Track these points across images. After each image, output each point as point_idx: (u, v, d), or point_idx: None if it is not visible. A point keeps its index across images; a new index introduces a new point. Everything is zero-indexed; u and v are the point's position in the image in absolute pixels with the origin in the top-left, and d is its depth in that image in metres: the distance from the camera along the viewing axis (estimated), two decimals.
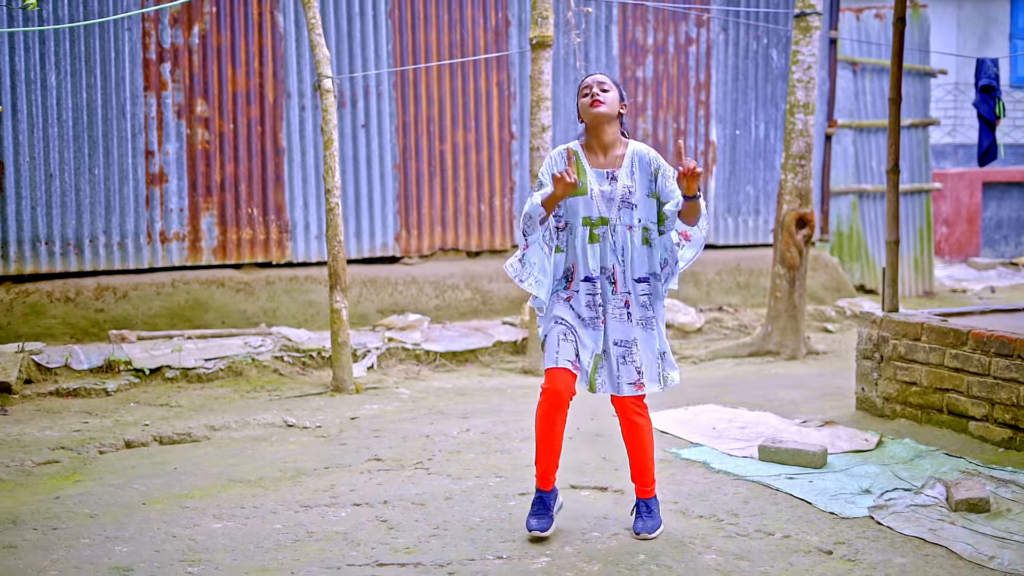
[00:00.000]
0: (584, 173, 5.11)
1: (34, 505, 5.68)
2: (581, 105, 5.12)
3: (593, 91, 5.06)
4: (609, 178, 5.09)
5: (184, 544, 5.06)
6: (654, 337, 5.15)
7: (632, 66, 12.21)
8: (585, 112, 5.10)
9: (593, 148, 5.15)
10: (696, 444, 6.85)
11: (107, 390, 8.59)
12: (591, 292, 5.12)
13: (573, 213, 5.11)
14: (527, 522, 5.13)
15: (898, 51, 7.72)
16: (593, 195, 5.08)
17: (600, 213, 5.07)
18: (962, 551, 4.90)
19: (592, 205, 5.08)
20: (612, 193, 5.08)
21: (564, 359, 5.03)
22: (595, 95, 5.05)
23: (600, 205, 5.08)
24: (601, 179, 5.10)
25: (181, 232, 10.43)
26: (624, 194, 5.07)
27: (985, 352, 6.69)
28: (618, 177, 5.09)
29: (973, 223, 18.79)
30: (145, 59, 10.17)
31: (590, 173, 5.11)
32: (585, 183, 5.09)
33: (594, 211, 5.08)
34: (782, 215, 10.51)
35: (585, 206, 5.09)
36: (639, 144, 5.18)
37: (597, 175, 5.11)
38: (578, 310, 5.12)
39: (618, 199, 5.07)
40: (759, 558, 4.85)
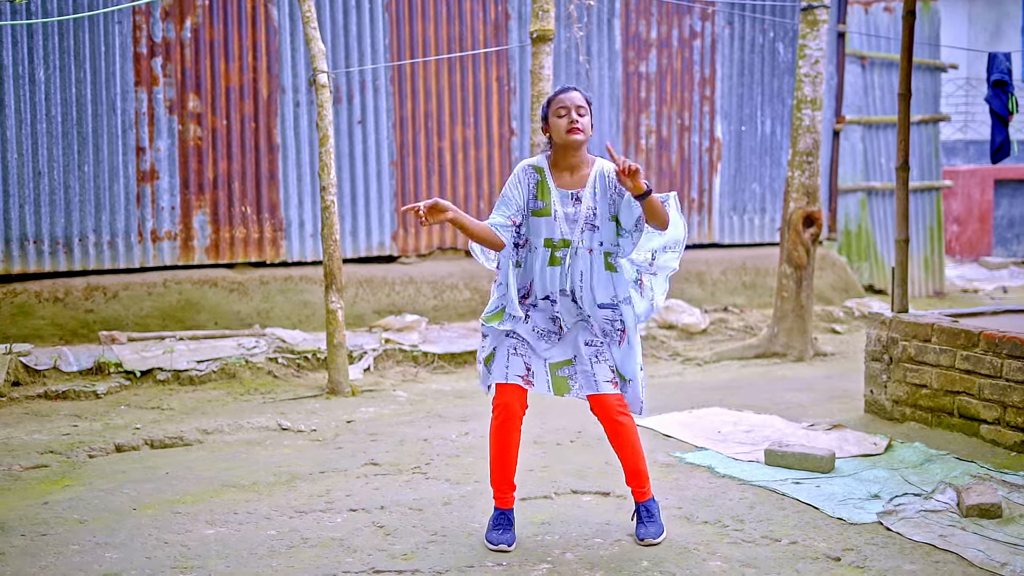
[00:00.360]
0: (549, 193, 5.07)
1: (22, 511, 5.66)
2: (554, 124, 5.03)
3: (572, 116, 4.99)
4: (573, 199, 5.05)
5: (176, 550, 5.05)
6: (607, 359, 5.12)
7: (635, 60, 12.23)
8: (558, 134, 5.02)
9: (559, 167, 5.10)
10: (701, 448, 6.83)
11: (97, 392, 8.54)
12: (551, 308, 5.10)
13: (535, 233, 5.08)
14: (488, 536, 5.11)
15: (908, 45, 7.71)
16: (557, 216, 5.04)
17: (563, 235, 5.04)
18: (973, 558, 4.87)
19: (555, 227, 5.04)
20: (576, 215, 5.04)
21: (514, 374, 5.03)
22: (573, 121, 4.99)
23: (563, 227, 5.04)
24: (565, 201, 5.06)
25: (173, 231, 10.40)
26: (588, 216, 5.04)
27: (997, 354, 6.66)
28: (582, 198, 5.05)
29: (985, 221, 18.93)
30: (136, 53, 10.13)
31: (554, 193, 5.06)
32: (548, 204, 5.05)
33: (556, 233, 5.05)
34: (789, 213, 10.50)
35: (548, 227, 5.05)
36: (604, 162, 5.13)
37: (561, 196, 5.06)
38: (535, 322, 5.11)
39: (581, 221, 5.04)
40: (765, 565, 4.83)
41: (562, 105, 4.99)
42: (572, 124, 4.96)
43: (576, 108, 4.98)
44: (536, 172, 5.08)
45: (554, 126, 5.02)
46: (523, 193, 5.07)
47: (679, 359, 10.52)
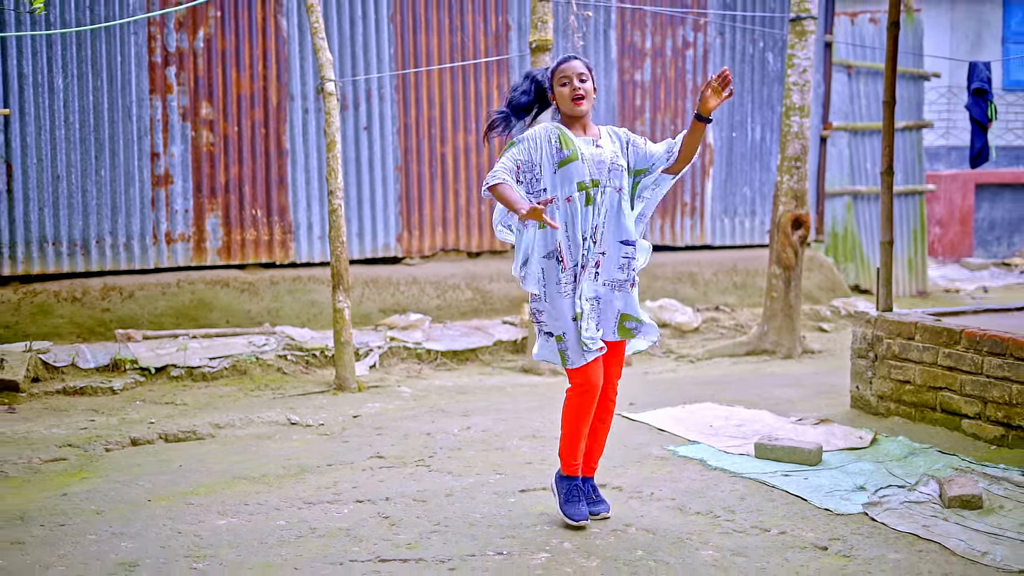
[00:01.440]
0: (571, 142, 5.11)
1: (41, 502, 5.70)
2: (559, 94, 5.13)
3: (574, 84, 5.10)
4: (594, 143, 5.14)
5: (189, 540, 5.07)
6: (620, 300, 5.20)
7: (630, 69, 12.23)
8: (564, 103, 5.14)
9: (572, 126, 5.19)
10: (693, 441, 6.85)
11: (113, 388, 8.62)
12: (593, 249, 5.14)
13: (566, 181, 5.09)
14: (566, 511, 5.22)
15: (892, 55, 7.74)
16: (584, 159, 5.08)
17: (592, 176, 5.08)
18: (955, 547, 4.90)
19: (584, 169, 5.08)
20: (601, 156, 5.10)
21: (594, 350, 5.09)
22: (576, 89, 5.09)
23: (592, 168, 5.08)
24: (588, 144, 5.13)
25: (186, 233, 10.45)
26: (612, 157, 5.12)
27: (978, 351, 6.70)
28: (602, 145, 5.15)
29: (966, 224, 18.79)
30: (151, 62, 10.20)
31: (575, 139, 5.12)
32: (574, 148, 5.09)
33: (586, 175, 5.08)
34: (778, 216, 10.52)
35: (577, 171, 5.08)
36: (608, 126, 5.31)
37: (583, 141, 5.13)
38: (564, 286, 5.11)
39: (608, 161, 5.10)
40: (755, 554, 4.86)
41: (564, 75, 5.09)
42: (575, 91, 5.07)
43: (578, 75, 5.08)
44: (555, 128, 5.13)
45: (559, 96, 5.12)
46: (546, 149, 5.10)
47: (672, 356, 10.52)
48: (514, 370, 9.85)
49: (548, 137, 5.11)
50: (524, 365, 9.88)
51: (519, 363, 10.00)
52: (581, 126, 5.19)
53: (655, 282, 12.11)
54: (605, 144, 5.16)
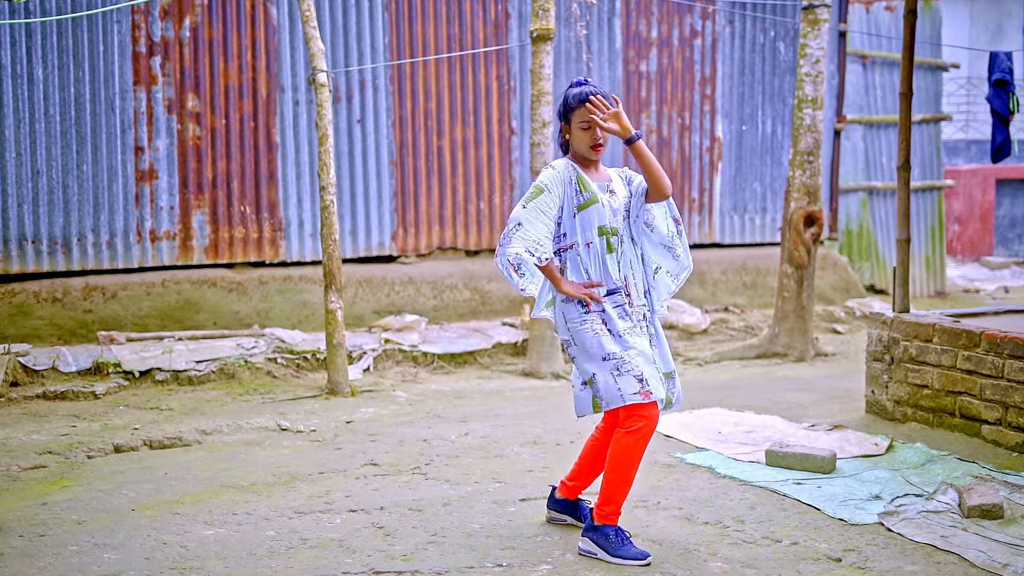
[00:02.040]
0: (589, 185, 5.03)
1: (20, 511, 5.66)
2: (577, 135, 5.00)
3: (595, 133, 4.97)
4: (608, 191, 5.05)
5: (175, 551, 5.05)
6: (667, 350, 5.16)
7: (636, 60, 12.23)
8: (581, 146, 5.01)
9: (586, 165, 5.09)
10: (701, 448, 6.83)
11: (96, 393, 8.55)
12: (619, 303, 5.01)
13: (586, 226, 5.00)
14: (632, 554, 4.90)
15: (909, 44, 7.71)
16: (603, 203, 5.00)
17: (611, 223, 5.02)
18: (975, 558, 4.88)
19: (604, 214, 5.00)
20: (616, 201, 5.04)
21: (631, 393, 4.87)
22: (597, 138, 4.98)
23: (609, 215, 5.01)
24: (603, 190, 5.04)
25: (172, 230, 10.40)
26: (625, 203, 5.07)
27: (999, 354, 6.66)
28: (615, 190, 5.07)
29: (986, 221, 18.95)
30: (135, 52, 10.13)
31: (593, 184, 5.04)
32: (593, 193, 5.00)
33: (607, 220, 5.01)
34: (790, 213, 10.51)
35: (599, 215, 5.00)
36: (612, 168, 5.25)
37: (599, 186, 5.05)
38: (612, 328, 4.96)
39: (621, 209, 5.05)
40: (766, 566, 4.84)
41: (585, 118, 4.96)
42: (596, 140, 4.98)
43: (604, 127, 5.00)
44: (572, 168, 5.04)
45: (577, 137, 5.00)
46: (565, 191, 5.00)
47: (680, 359, 10.51)
48: (514, 374, 9.84)
49: (568, 178, 5.03)
50: (524, 368, 9.90)
51: (519, 366, 10.00)
52: (594, 167, 5.12)
53: None
54: (618, 190, 5.10)
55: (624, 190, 5.09)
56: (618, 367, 4.86)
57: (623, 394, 4.83)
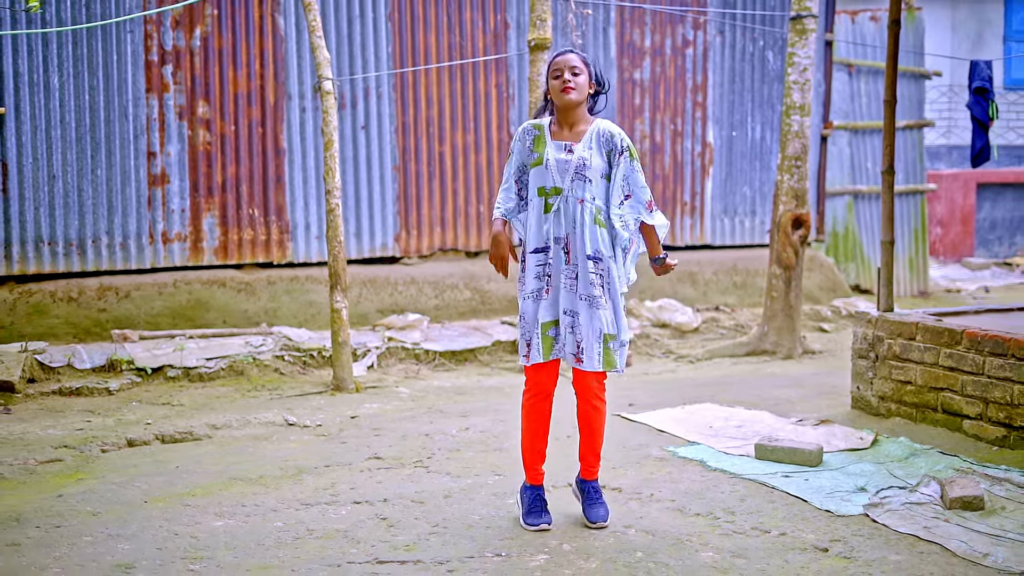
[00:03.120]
0: (544, 145, 5.18)
1: (37, 503, 5.68)
2: (551, 86, 5.15)
3: (564, 77, 5.10)
4: (566, 150, 5.14)
5: (186, 542, 5.06)
6: (598, 317, 5.10)
7: (630, 68, 12.21)
8: (555, 94, 5.14)
9: (560, 124, 5.22)
10: (693, 442, 6.84)
11: (109, 389, 8.59)
12: (540, 263, 5.17)
13: (533, 184, 5.20)
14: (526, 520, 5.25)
15: (893, 53, 7.72)
16: (548, 165, 5.13)
17: (554, 183, 5.13)
18: (956, 548, 4.91)
19: (547, 175, 5.14)
20: (567, 164, 5.11)
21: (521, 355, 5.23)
22: (566, 81, 5.10)
23: (555, 175, 5.13)
24: (559, 149, 5.15)
25: (183, 232, 10.42)
26: (578, 165, 5.11)
27: (979, 351, 6.69)
28: (574, 149, 5.13)
29: (967, 224, 18.80)
30: (147, 61, 10.15)
31: (550, 145, 5.17)
32: (542, 154, 5.15)
33: (548, 181, 5.14)
34: (778, 216, 10.51)
35: (540, 176, 5.15)
36: (606, 123, 5.24)
37: (556, 146, 5.16)
38: (528, 286, 5.20)
39: (571, 170, 5.10)
40: (755, 555, 4.86)
41: (557, 67, 5.11)
42: (565, 83, 5.07)
43: (570, 68, 5.09)
44: (535, 128, 5.22)
45: (552, 88, 5.14)
46: (523, 149, 5.23)
47: (672, 357, 10.51)
48: (513, 371, 9.83)
49: (527, 136, 5.25)
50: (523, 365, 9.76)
51: (518, 364, 9.94)
52: (568, 124, 5.21)
53: (655, 282, 12.06)
54: (578, 149, 5.16)
55: (590, 152, 5.13)
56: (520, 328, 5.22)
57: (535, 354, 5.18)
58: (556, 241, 5.12)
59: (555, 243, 5.12)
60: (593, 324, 5.10)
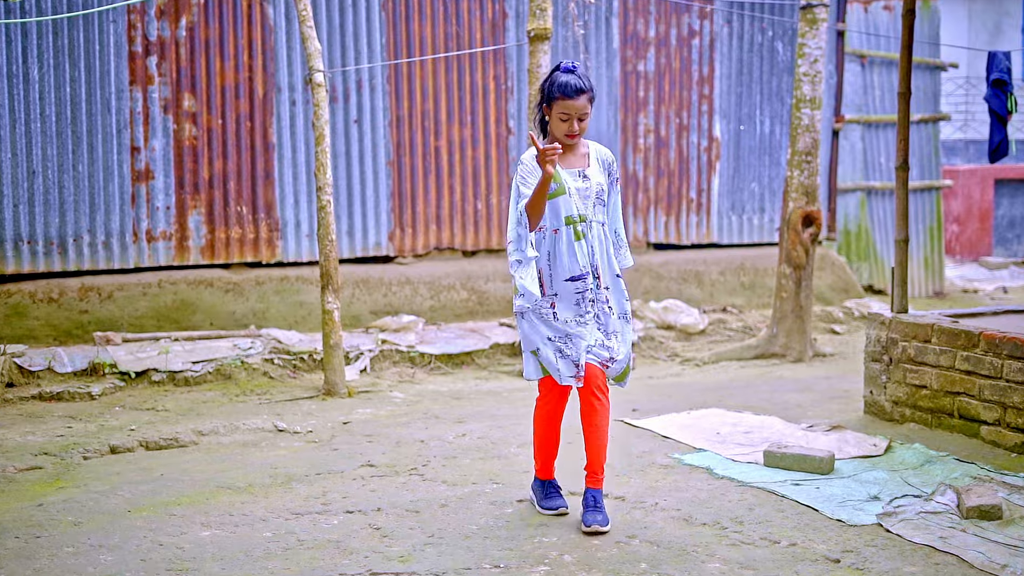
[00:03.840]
0: (558, 174, 5.20)
1: (16, 512, 5.67)
2: (555, 123, 5.16)
3: (573, 125, 5.14)
4: (581, 176, 5.24)
5: (171, 552, 5.06)
6: (629, 332, 5.38)
7: (633, 59, 12.22)
8: (559, 135, 5.18)
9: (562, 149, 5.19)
10: (699, 449, 6.83)
11: (92, 394, 8.54)
12: (580, 291, 5.25)
13: (553, 216, 5.23)
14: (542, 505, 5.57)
15: (907, 44, 7.70)
16: (571, 192, 5.20)
17: (579, 211, 5.23)
18: (973, 559, 4.89)
19: (571, 203, 5.21)
20: (587, 190, 5.23)
21: (567, 376, 5.27)
22: (573, 130, 5.15)
23: (578, 203, 5.22)
24: (575, 177, 5.23)
25: (168, 231, 10.37)
26: (598, 191, 5.25)
27: (997, 354, 6.67)
28: (589, 176, 5.25)
29: (985, 221, 18.93)
30: (131, 52, 10.10)
31: (563, 172, 5.22)
32: (561, 183, 5.20)
33: (574, 209, 5.22)
34: (788, 213, 10.51)
35: (565, 205, 5.21)
36: (598, 145, 5.39)
37: (570, 174, 5.23)
38: (563, 316, 5.26)
39: (593, 196, 5.24)
40: (764, 567, 4.85)
41: (565, 111, 5.12)
42: (572, 132, 5.14)
43: (579, 115, 5.12)
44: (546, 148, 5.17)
45: (555, 124, 5.16)
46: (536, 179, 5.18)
47: (677, 360, 10.54)
48: (511, 374, 9.82)
49: (535, 170, 5.21)
50: (522, 369, 9.69)
51: (516, 367, 9.99)
52: (569, 149, 5.28)
53: (660, 282, 12.13)
54: (592, 174, 5.28)
55: (601, 176, 5.28)
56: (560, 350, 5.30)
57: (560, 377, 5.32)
58: (592, 268, 5.27)
59: (590, 270, 5.27)
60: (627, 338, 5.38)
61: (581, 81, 5.14)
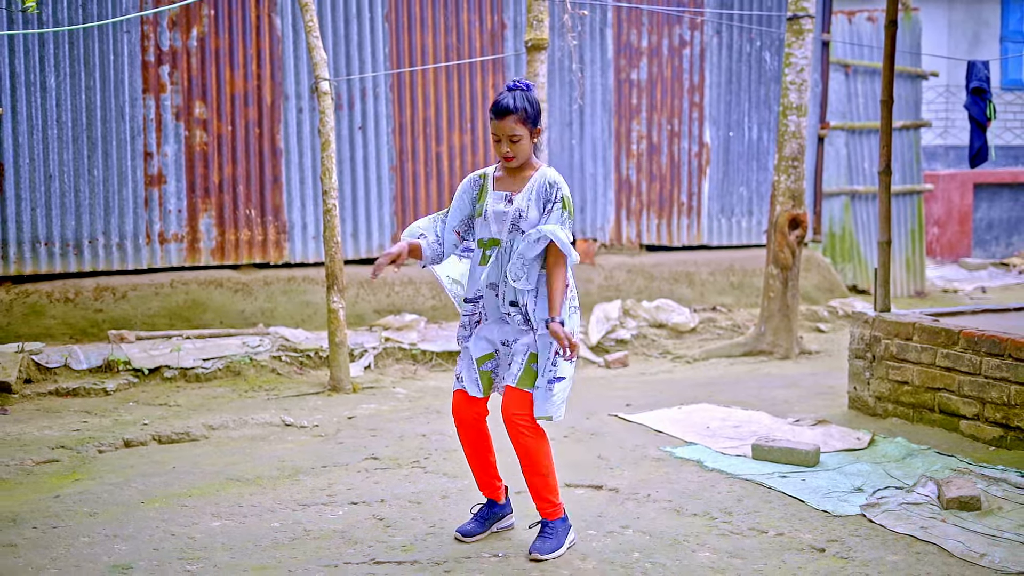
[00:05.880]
0: (485, 196, 4.99)
1: (34, 504, 5.68)
2: (494, 145, 4.92)
3: (503, 150, 4.85)
4: (506, 200, 4.93)
5: (183, 542, 5.08)
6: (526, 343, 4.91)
7: (627, 68, 12.21)
8: (496, 154, 4.94)
9: (506, 171, 5.00)
10: (690, 443, 6.85)
11: (106, 390, 8.59)
12: (469, 313, 5.03)
13: (475, 235, 5.05)
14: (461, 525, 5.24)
15: (890, 54, 7.73)
16: (487, 216, 4.94)
17: (492, 234, 4.95)
18: (953, 549, 4.92)
19: (486, 226, 4.96)
20: (505, 215, 4.90)
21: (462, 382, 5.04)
22: (505, 153, 4.86)
23: (492, 225, 4.94)
24: (498, 200, 4.95)
25: (180, 233, 10.40)
26: (515, 216, 4.88)
27: (976, 352, 6.71)
28: (514, 200, 4.91)
29: (964, 224, 18.81)
30: (144, 61, 10.14)
31: (490, 195, 4.97)
32: (483, 205, 4.98)
33: (487, 232, 4.97)
34: (775, 216, 10.52)
35: (481, 228, 4.99)
36: (550, 171, 4.95)
37: (495, 196, 4.96)
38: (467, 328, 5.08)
39: (509, 221, 4.89)
40: (752, 556, 4.88)
41: (495, 132, 4.87)
42: (504, 154, 4.85)
43: (508, 137, 4.82)
44: (480, 179, 5.04)
45: (494, 146, 4.91)
46: (467, 202, 5.05)
47: (669, 357, 10.52)
48: None
49: (471, 190, 5.07)
50: None
51: None
52: (511, 173, 4.98)
53: (652, 282, 12.10)
54: (518, 200, 4.91)
55: (528, 203, 4.89)
56: None
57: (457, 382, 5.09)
58: (490, 287, 4.93)
59: (488, 289, 4.93)
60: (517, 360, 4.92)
61: (512, 100, 4.81)
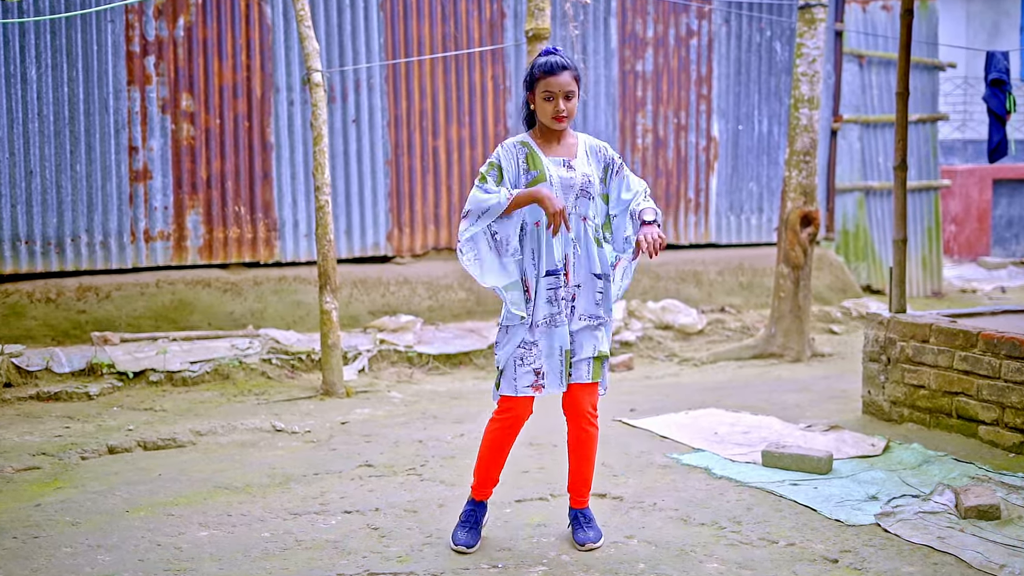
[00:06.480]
0: (540, 162, 4.90)
1: (14, 513, 5.66)
2: (540, 106, 4.86)
3: (559, 104, 4.82)
4: (566, 165, 4.90)
5: (169, 553, 5.05)
6: (597, 337, 4.98)
7: (631, 59, 12.22)
8: (544, 116, 4.87)
9: (545, 139, 4.96)
10: (698, 449, 6.83)
11: (89, 394, 8.53)
12: (553, 286, 4.91)
13: (531, 208, 4.90)
14: (454, 535, 5.13)
15: (906, 44, 7.69)
16: (552, 182, 4.86)
17: None
18: (972, 559, 4.88)
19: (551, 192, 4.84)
20: (571, 180, 4.87)
21: (523, 386, 4.93)
22: (560, 109, 4.83)
23: (559, 192, 4.86)
24: (558, 166, 4.90)
25: (166, 231, 10.37)
26: (584, 183, 4.89)
27: (995, 354, 6.66)
28: (575, 166, 4.91)
29: (983, 221, 18.94)
30: (128, 52, 10.10)
31: (546, 161, 4.90)
32: (542, 170, 4.88)
33: None
34: (786, 213, 10.50)
35: None
36: (588, 137, 5.04)
37: (554, 162, 4.91)
38: (535, 317, 4.91)
39: (577, 187, 4.88)
40: (763, 567, 4.85)
41: (549, 89, 4.82)
42: (559, 112, 4.83)
43: (564, 93, 4.81)
44: (522, 146, 4.94)
45: (540, 107, 4.86)
46: (514, 168, 4.92)
47: (676, 360, 10.54)
48: None
49: (515, 156, 4.93)
50: None
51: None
52: (555, 139, 4.97)
53: (658, 282, 12.12)
54: (579, 165, 4.93)
55: (591, 167, 4.93)
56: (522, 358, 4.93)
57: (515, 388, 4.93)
58: (564, 262, 4.93)
59: (564, 264, 4.93)
60: (591, 344, 4.98)
61: (563, 59, 4.85)
